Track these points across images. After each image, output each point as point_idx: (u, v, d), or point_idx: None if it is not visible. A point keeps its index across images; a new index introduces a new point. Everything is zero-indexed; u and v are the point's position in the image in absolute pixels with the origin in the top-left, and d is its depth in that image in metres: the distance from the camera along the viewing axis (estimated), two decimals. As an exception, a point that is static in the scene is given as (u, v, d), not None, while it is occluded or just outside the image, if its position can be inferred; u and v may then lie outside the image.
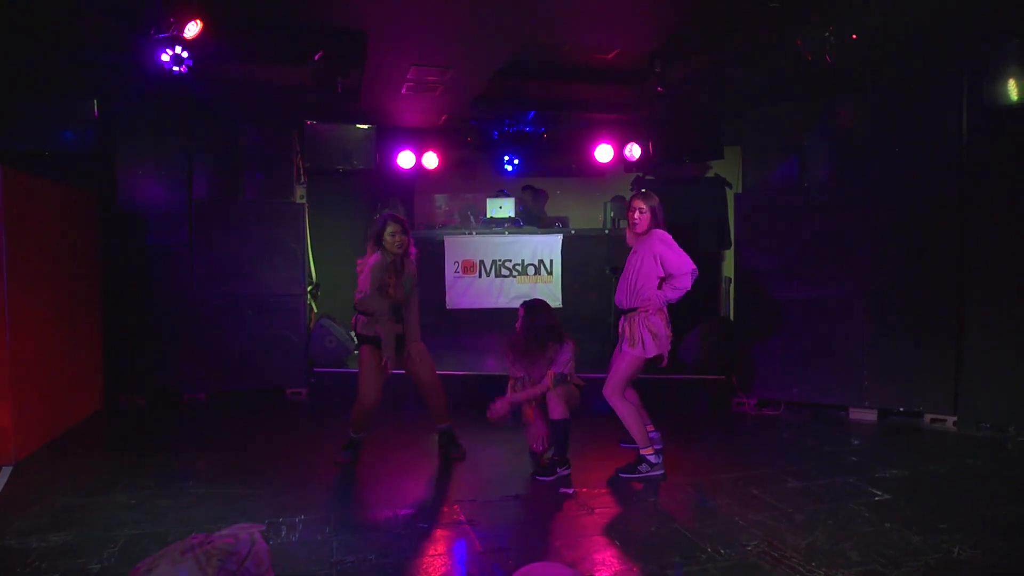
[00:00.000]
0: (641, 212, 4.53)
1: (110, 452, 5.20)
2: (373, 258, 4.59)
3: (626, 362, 4.45)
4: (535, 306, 4.77)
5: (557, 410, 4.49)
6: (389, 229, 4.59)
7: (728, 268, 7.81)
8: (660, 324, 4.40)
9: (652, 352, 4.38)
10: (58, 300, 5.41)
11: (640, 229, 4.53)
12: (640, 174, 8.49)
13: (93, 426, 5.75)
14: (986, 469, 4.60)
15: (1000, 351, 5.28)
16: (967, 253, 5.42)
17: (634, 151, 8.32)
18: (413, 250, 4.76)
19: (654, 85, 6.12)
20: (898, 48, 5.53)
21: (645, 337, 4.37)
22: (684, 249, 4.47)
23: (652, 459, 4.45)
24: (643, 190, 4.77)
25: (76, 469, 4.62)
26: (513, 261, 8.13)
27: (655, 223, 4.52)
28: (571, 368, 4.72)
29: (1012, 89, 5.13)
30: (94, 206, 6.17)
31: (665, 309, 4.46)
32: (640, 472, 4.44)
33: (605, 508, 3.98)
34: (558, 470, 4.46)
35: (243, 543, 2.76)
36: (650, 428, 4.71)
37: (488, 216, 8.56)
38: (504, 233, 8.27)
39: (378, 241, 4.61)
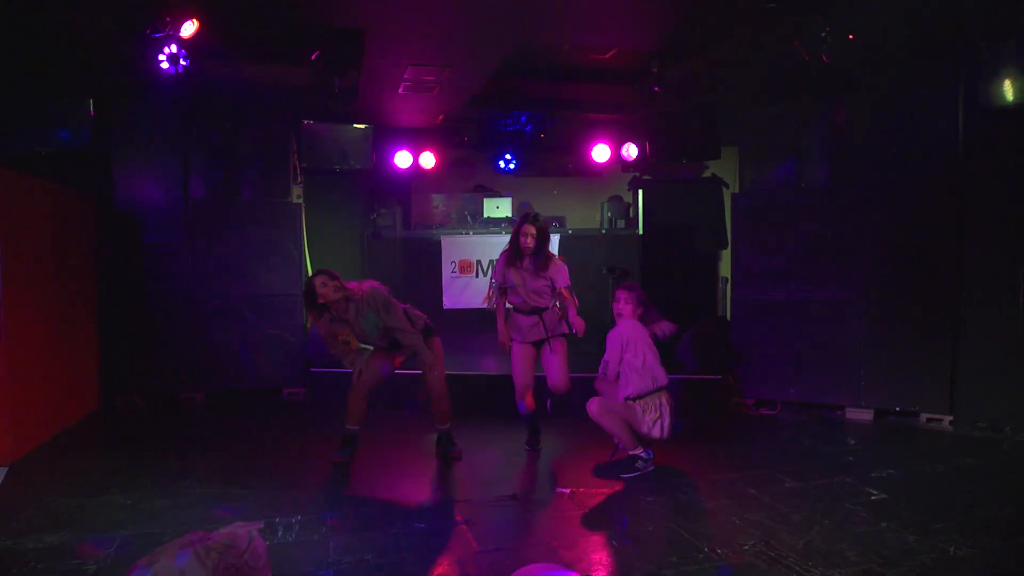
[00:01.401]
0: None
1: (106, 452, 5.19)
2: (319, 324, 4.58)
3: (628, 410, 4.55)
4: (539, 215, 4.92)
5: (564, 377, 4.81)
6: (318, 280, 4.46)
7: (725, 268, 7.82)
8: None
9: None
10: (54, 300, 5.39)
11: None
12: (637, 174, 8.49)
13: (89, 426, 5.74)
14: (982, 469, 4.61)
15: (996, 351, 5.29)
16: (964, 253, 5.43)
17: (631, 151, 8.32)
18: (365, 286, 4.58)
19: (651, 85, 6.12)
20: (895, 48, 5.54)
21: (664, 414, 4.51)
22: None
23: (643, 455, 4.49)
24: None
25: (72, 470, 4.60)
26: (510, 261, 8.11)
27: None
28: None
29: (1008, 89, 5.14)
30: (90, 206, 6.15)
31: None
32: (638, 469, 4.46)
33: (602, 508, 3.99)
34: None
35: (242, 539, 2.76)
36: None
37: (485, 216, 8.56)
38: (501, 233, 8.25)
39: (312, 304, 4.50)
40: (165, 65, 5.12)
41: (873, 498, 4.01)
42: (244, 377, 6.61)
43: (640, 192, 8.12)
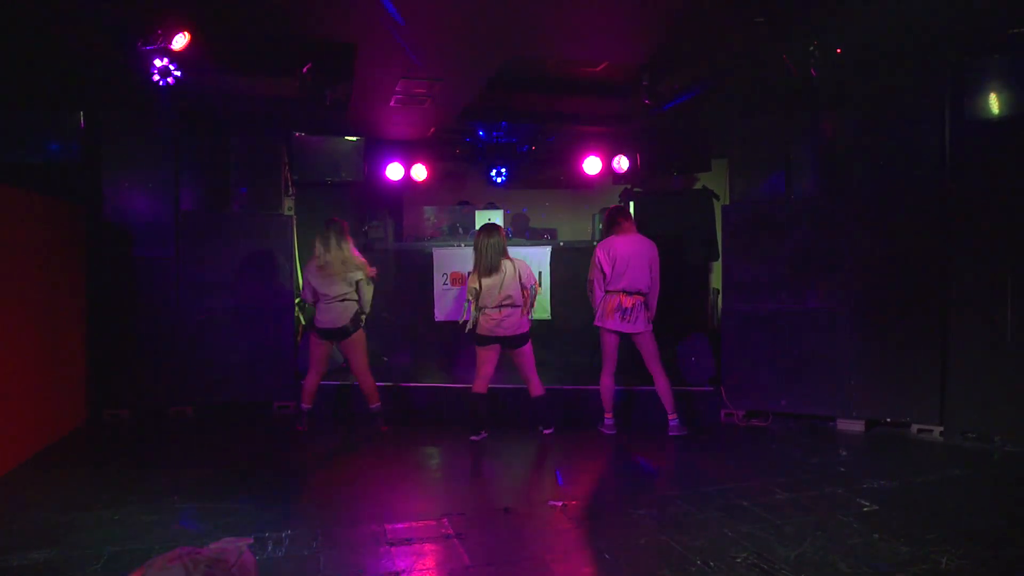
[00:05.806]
0: None
1: (93, 467, 5.11)
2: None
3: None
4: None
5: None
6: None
7: (716, 280, 7.84)
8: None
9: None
10: (41, 312, 5.35)
11: None
12: (628, 186, 8.54)
13: (76, 440, 5.68)
14: (973, 479, 4.62)
15: (985, 361, 5.32)
16: (951, 264, 5.47)
17: (622, 163, 8.36)
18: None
19: (642, 98, 6.16)
20: (882, 62, 5.61)
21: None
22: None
23: (606, 422, 5.58)
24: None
25: (59, 484, 4.55)
26: (502, 273, 8.10)
27: None
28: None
29: (992, 103, 5.21)
30: (79, 218, 6.12)
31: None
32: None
33: (595, 521, 3.97)
34: None
35: (231, 553, 2.73)
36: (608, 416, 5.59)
37: (477, 228, 8.55)
38: (493, 245, 8.24)
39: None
40: (156, 77, 5.12)
41: (865, 509, 4.02)
42: (234, 390, 6.57)
43: (631, 204, 8.16)
